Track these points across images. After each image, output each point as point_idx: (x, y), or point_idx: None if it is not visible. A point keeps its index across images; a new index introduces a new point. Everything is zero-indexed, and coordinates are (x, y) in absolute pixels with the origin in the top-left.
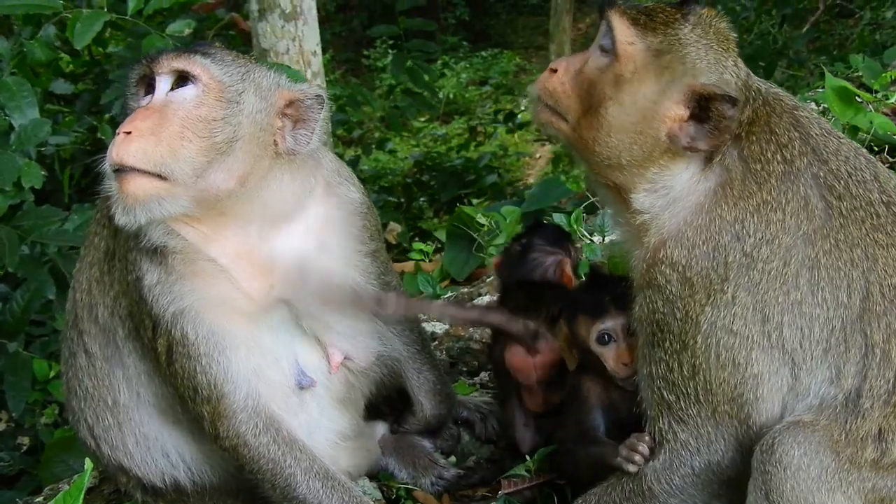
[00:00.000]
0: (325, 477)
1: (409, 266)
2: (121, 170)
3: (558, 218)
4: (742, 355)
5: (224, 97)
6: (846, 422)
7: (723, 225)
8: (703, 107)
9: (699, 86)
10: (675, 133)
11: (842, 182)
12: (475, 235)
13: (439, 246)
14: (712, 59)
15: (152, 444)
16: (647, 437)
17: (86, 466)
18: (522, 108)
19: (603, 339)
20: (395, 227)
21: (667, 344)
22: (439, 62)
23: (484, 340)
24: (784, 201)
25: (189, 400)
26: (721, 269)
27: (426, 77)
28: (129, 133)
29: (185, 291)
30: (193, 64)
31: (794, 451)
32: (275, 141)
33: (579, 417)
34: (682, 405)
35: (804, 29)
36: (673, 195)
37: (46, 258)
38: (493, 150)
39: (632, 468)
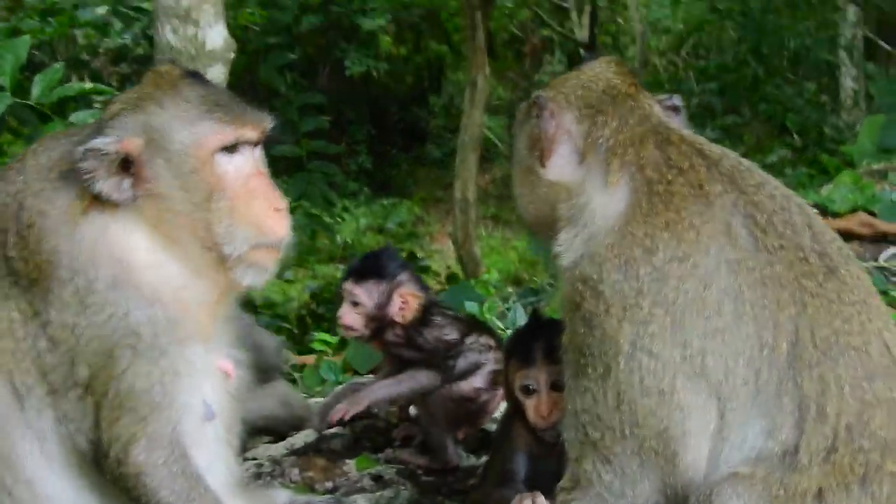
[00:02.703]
0: None
1: (310, 359)
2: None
3: (470, 306)
4: (666, 382)
5: None
6: (783, 476)
7: (634, 241)
8: None
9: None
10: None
11: (765, 216)
12: None
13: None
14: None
15: None
16: (541, 498)
17: None
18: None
19: (526, 389)
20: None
21: (590, 370)
22: (339, 206)
23: (390, 420)
24: (698, 222)
25: (110, 422)
26: (633, 282)
27: (326, 197)
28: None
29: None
30: None
31: (734, 503)
32: None
33: (503, 457)
34: (608, 442)
35: None
36: (584, 222)
37: None
38: None
39: None
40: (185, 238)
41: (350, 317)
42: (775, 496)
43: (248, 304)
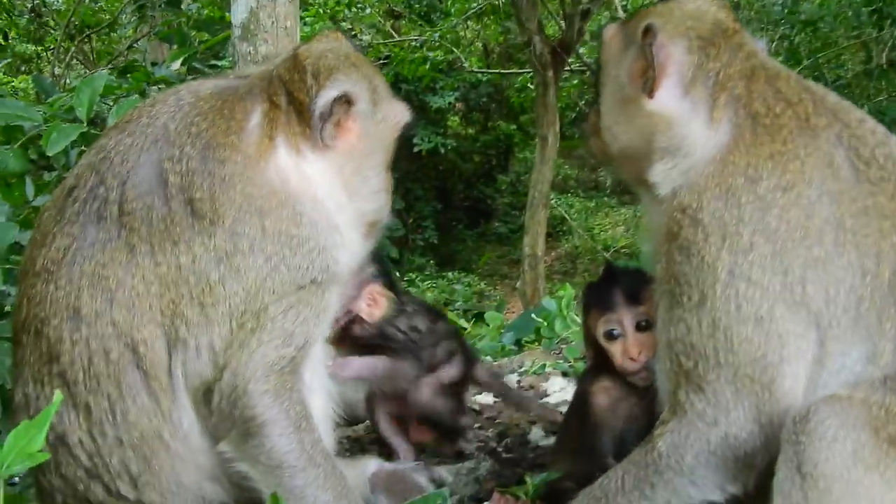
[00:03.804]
0: (327, 456)
1: None
2: None
3: (547, 303)
4: (764, 309)
5: None
6: (884, 399)
7: (735, 170)
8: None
9: (640, 31)
10: (643, 87)
11: (868, 149)
12: None
13: None
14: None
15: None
16: None
17: (55, 398)
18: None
19: (610, 334)
20: None
21: (685, 298)
22: (405, 280)
23: (470, 406)
24: (803, 153)
25: (259, 345)
26: (735, 210)
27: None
28: None
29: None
30: None
31: (831, 422)
32: None
33: (585, 428)
34: (701, 370)
35: None
36: (682, 154)
37: None
38: None
39: None
40: (359, 193)
41: None
42: (875, 417)
43: None
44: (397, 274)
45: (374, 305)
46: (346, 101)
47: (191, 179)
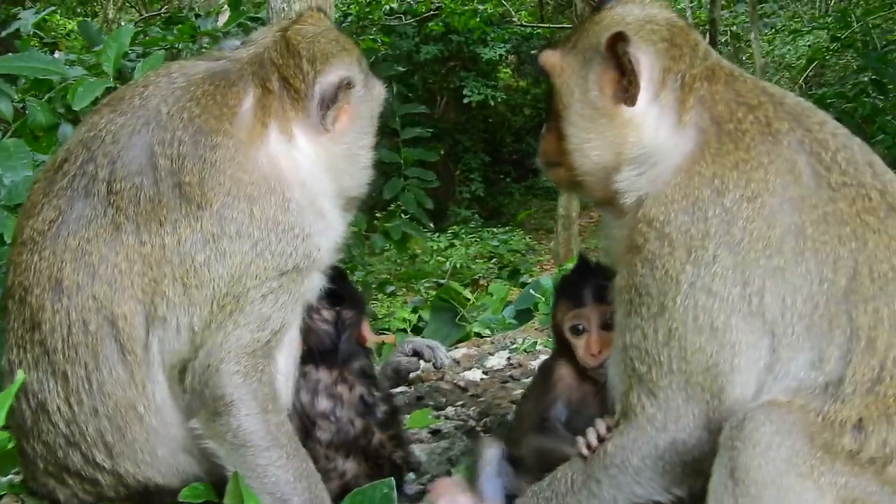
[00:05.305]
0: (291, 438)
1: (389, 338)
2: None
3: (544, 280)
4: (721, 319)
5: None
6: (824, 405)
7: (702, 181)
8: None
9: (605, 42)
10: (619, 96)
11: (829, 153)
12: (460, 309)
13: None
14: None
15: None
16: (602, 424)
17: (17, 377)
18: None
19: (576, 329)
20: None
21: (644, 309)
22: (450, 232)
23: (456, 382)
24: (766, 161)
25: (235, 328)
26: (701, 224)
27: (420, 201)
28: None
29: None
30: None
31: (766, 429)
32: None
33: (543, 405)
34: (654, 376)
35: None
36: (651, 162)
37: None
38: None
39: (584, 451)
40: (346, 174)
41: None
42: (811, 423)
43: None
44: (432, 225)
45: None
46: (347, 86)
47: (181, 163)
